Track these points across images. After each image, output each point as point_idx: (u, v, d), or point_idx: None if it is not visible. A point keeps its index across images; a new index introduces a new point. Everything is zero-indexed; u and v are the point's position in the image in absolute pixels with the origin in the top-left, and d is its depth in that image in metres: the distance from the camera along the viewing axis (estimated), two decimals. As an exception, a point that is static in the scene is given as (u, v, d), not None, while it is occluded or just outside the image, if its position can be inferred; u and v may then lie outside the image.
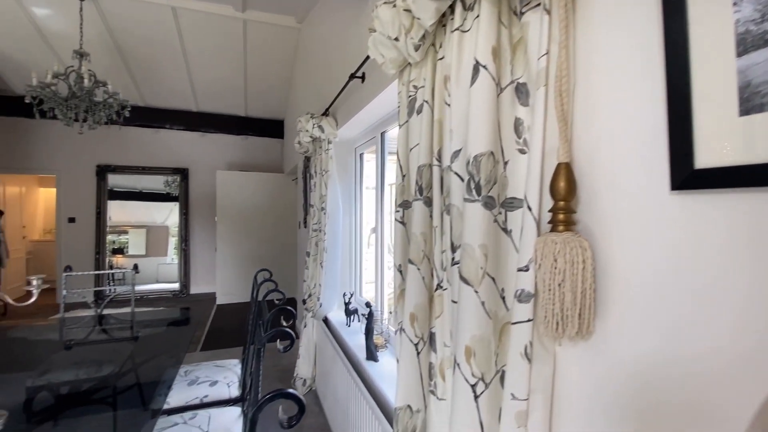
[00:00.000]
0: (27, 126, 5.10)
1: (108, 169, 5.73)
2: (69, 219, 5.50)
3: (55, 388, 1.68)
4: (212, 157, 6.13)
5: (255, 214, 5.79)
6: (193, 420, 1.46)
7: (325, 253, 2.42)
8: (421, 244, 0.91)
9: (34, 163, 5.28)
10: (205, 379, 1.84)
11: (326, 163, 2.45)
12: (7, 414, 1.22)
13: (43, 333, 3.02)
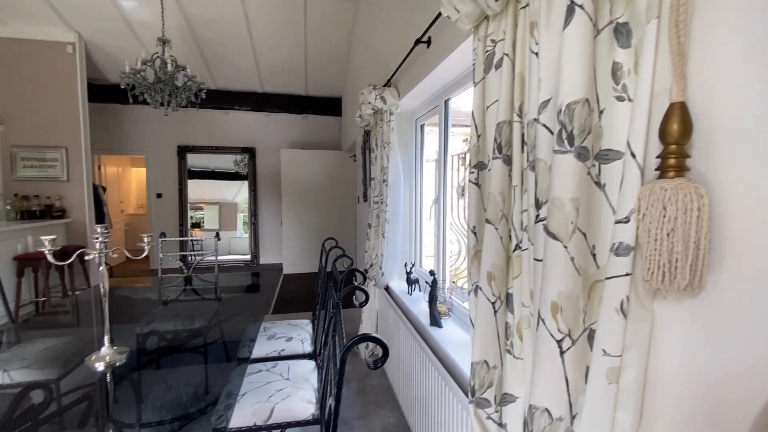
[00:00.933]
0: (120, 111, 5.73)
1: (187, 149, 6.27)
2: (157, 195, 6.17)
3: (159, 336, 1.94)
4: (276, 136, 6.44)
5: (316, 190, 6.03)
6: (275, 368, 1.62)
7: (387, 224, 2.47)
8: (499, 203, 0.89)
9: (127, 145, 5.95)
10: (282, 335, 2.01)
11: (387, 135, 2.46)
12: (128, 350, 1.45)
13: (141, 293, 3.49)
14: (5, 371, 1.59)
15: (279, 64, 5.22)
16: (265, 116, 6.38)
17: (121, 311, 2.73)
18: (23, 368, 1.61)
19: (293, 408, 1.35)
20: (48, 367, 1.64)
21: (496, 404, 0.87)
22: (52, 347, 1.81)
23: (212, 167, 8.49)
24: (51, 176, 4.37)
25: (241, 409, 1.33)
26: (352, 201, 6.08)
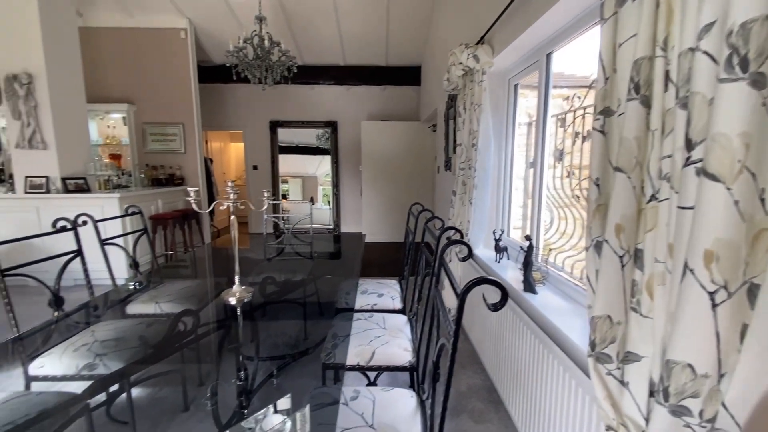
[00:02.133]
0: (222, 90, 6.34)
1: (277, 124, 6.74)
2: (253, 167, 6.79)
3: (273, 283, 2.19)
4: (356, 109, 6.58)
5: (395, 161, 6.10)
6: (371, 319, 1.74)
7: (475, 190, 2.42)
8: (633, 150, 0.81)
9: (227, 121, 6.59)
10: (373, 291, 2.13)
11: (478, 96, 2.36)
12: (253, 290, 1.67)
13: (244, 252, 3.96)
14: (156, 303, 1.95)
15: (361, 35, 5.25)
16: (346, 90, 6.54)
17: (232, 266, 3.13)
18: (169, 301, 1.96)
19: (392, 353, 1.45)
20: (187, 302, 1.98)
21: (618, 361, 0.83)
22: (188, 287, 2.17)
23: (297, 142, 9.05)
24: (172, 149, 5.07)
25: (346, 348, 1.46)
26: (430, 171, 6.04)
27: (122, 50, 4.86)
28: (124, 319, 1.74)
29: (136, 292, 2.08)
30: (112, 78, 4.88)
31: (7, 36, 3.47)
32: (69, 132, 3.78)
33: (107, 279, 2.06)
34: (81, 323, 1.65)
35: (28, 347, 1.44)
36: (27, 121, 3.53)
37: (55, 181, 3.65)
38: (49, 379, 1.37)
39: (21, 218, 3.65)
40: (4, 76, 3.48)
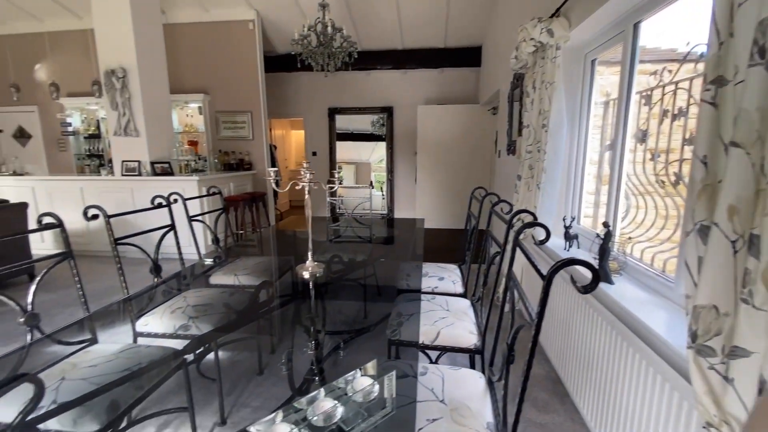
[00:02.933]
0: (284, 79, 6.61)
1: (335, 111, 6.90)
2: (312, 153, 7.05)
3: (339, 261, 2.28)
4: (412, 93, 6.51)
5: (451, 146, 5.98)
6: (434, 301, 1.75)
7: (544, 174, 2.30)
8: (755, 122, 0.72)
9: (289, 109, 6.87)
10: (434, 274, 2.14)
11: (551, 74, 2.22)
12: (324, 265, 1.76)
13: (306, 234, 4.16)
14: (235, 275, 2.13)
15: (421, 17, 5.15)
16: (403, 74, 6.48)
17: (295, 245, 3.32)
18: (246, 274, 2.14)
19: (458, 335, 1.46)
20: (262, 275, 2.14)
21: (723, 355, 0.76)
22: (261, 262, 2.35)
23: (352, 129, 9.21)
24: (241, 135, 5.42)
25: (411, 327, 1.50)
26: (488, 156, 5.84)
27: (198, 44, 5.24)
28: (209, 288, 1.94)
29: (216, 265, 2.29)
30: (189, 70, 5.30)
31: (107, 35, 3.90)
32: (156, 120, 4.19)
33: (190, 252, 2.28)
34: (174, 289, 1.86)
35: (136, 307, 1.66)
36: (123, 111, 3.97)
37: (146, 165, 4.09)
38: (152, 336, 1.58)
39: (118, 197, 4.15)
40: (104, 71, 3.93)
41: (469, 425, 0.96)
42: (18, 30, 5.29)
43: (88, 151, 5.62)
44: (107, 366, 1.20)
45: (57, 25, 5.22)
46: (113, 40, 3.89)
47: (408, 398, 0.99)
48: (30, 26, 5.25)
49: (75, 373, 1.16)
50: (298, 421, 0.67)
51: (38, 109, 5.58)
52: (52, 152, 5.71)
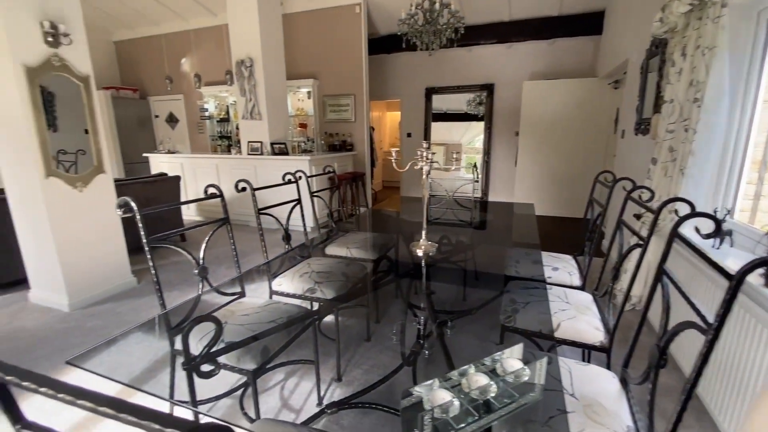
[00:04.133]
0: (384, 61, 6.70)
1: (432, 91, 6.80)
2: (407, 134, 7.11)
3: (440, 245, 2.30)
4: (517, 69, 6.06)
5: (560, 125, 5.46)
6: (551, 291, 1.66)
7: (691, 157, 1.96)
8: None
9: (387, 90, 6.97)
10: (547, 264, 2.02)
11: (712, 37, 1.84)
12: (437, 245, 1.79)
13: (405, 213, 4.25)
14: (348, 248, 2.30)
15: (534, -18, 4.70)
16: (507, 48, 6.05)
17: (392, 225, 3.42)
18: (357, 248, 2.29)
19: (581, 329, 1.36)
20: (372, 250, 2.28)
21: None
22: (369, 238, 2.49)
23: (445, 109, 8.99)
24: (344, 118, 5.71)
25: (527, 314, 1.45)
26: (604, 136, 5.19)
27: (309, 31, 5.60)
28: (326, 258, 2.13)
29: (331, 237, 2.49)
30: (301, 57, 5.71)
31: (238, 28, 4.41)
32: (275, 105, 4.65)
33: (308, 226, 2.50)
34: (299, 257, 2.09)
35: (273, 269, 1.91)
36: (249, 97, 4.49)
37: (266, 145, 4.59)
38: (284, 295, 1.81)
39: (243, 174, 4.76)
40: (235, 61, 4.47)
41: (606, 425, 0.91)
42: (171, 29, 6.29)
43: (219, 133, 6.53)
44: (256, 316, 1.42)
45: (198, 23, 6.07)
46: (243, 32, 4.38)
47: (536, 386, 0.97)
48: (179, 25, 6.21)
49: (234, 319, 1.39)
50: (453, 391, 0.71)
51: (184, 97, 6.63)
52: (193, 134, 6.78)
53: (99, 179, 2.72)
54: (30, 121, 2.31)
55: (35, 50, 2.33)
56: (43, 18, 2.34)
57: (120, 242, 2.91)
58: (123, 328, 2.36)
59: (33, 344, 2.18)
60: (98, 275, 2.74)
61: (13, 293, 2.86)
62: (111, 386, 1.08)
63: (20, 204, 2.53)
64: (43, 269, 2.61)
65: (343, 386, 1.75)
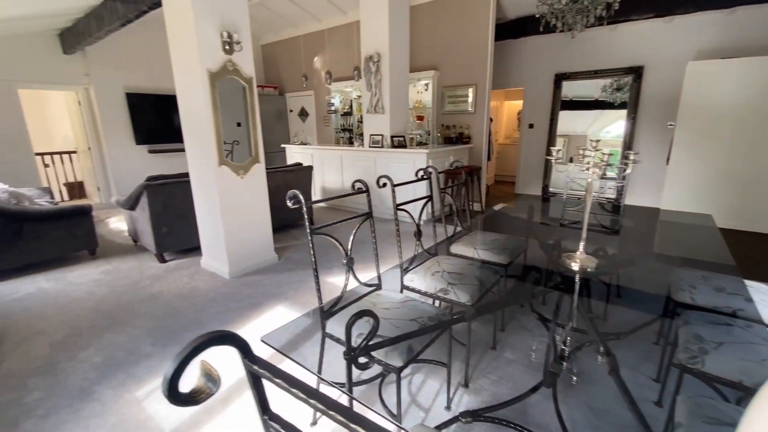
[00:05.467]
0: (507, 47, 6.26)
1: (563, 77, 6.12)
2: (529, 125, 6.57)
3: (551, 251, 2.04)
4: (678, 47, 5.02)
5: (734, 116, 4.37)
6: (750, 329, 1.32)
7: None
8: None
9: (510, 78, 6.52)
10: (734, 291, 1.62)
11: None
12: (597, 262, 1.59)
13: (513, 211, 3.93)
14: (475, 248, 2.21)
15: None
16: (666, 23, 5.05)
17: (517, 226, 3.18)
18: (484, 249, 2.18)
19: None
20: (501, 253, 2.14)
21: None
22: (497, 240, 2.34)
23: (571, 96, 8.01)
24: (462, 109, 5.53)
25: (721, 357, 1.17)
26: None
27: (433, 21, 5.53)
28: (455, 258, 2.08)
29: (456, 234, 2.44)
30: (423, 48, 5.70)
31: (369, 25, 4.59)
32: (397, 99, 4.75)
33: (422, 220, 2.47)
34: (427, 253, 2.08)
35: (404, 264, 1.94)
36: (374, 92, 4.66)
37: (386, 138, 4.73)
38: (415, 291, 1.82)
39: (363, 166, 5.01)
40: (364, 57, 4.67)
41: None
42: (308, 30, 6.92)
43: (342, 126, 6.99)
44: (397, 312, 1.44)
45: (331, 23, 6.53)
46: (373, 28, 4.54)
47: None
48: (314, 26, 6.78)
49: (376, 311, 1.44)
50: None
51: (314, 93, 7.27)
52: (320, 127, 7.41)
53: (255, 168, 3.15)
54: (210, 118, 2.78)
55: (215, 57, 2.77)
56: (223, 29, 2.77)
57: (267, 223, 3.33)
58: (269, 298, 2.73)
59: (205, 303, 2.66)
60: (250, 250, 3.20)
61: (191, 258, 3.54)
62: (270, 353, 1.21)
63: (199, 186, 3.09)
64: (212, 241, 3.15)
65: (470, 393, 1.70)
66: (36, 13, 4.23)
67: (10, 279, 3.10)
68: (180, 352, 0.39)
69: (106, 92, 5.88)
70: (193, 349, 0.39)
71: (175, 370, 0.38)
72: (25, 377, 1.88)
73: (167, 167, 6.52)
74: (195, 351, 0.39)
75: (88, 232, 3.49)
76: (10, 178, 4.94)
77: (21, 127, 5.29)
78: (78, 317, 2.48)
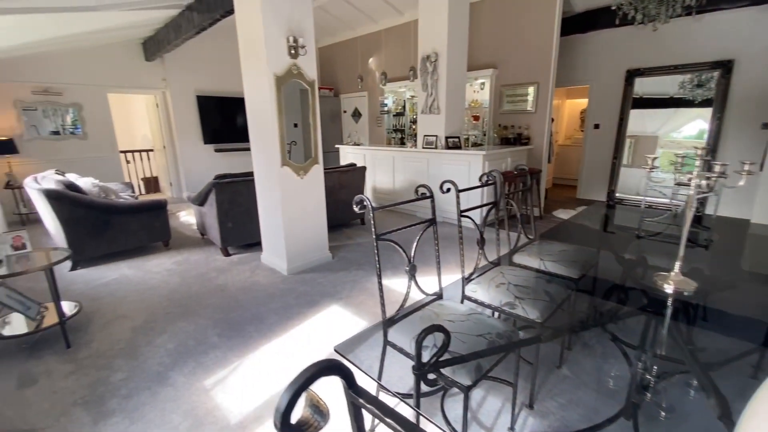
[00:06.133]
0: (573, 43, 5.87)
1: (636, 73, 5.63)
2: (594, 125, 6.12)
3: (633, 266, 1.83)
4: (781, 36, 4.40)
5: None
6: None
7: None
8: None
9: (575, 75, 6.11)
10: None
11: None
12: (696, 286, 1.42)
13: (576, 218, 3.64)
14: (541, 260, 2.08)
15: None
16: (762, 11, 4.44)
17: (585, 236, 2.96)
18: (552, 261, 2.04)
19: None
20: (571, 266, 1.99)
21: None
22: (566, 251, 2.18)
23: (641, 93, 7.33)
24: (521, 109, 5.28)
25: None
26: None
27: (494, 17, 5.33)
28: (519, 268, 1.97)
29: (519, 242, 2.31)
30: (482, 46, 5.51)
31: (428, 24, 4.52)
32: (453, 99, 4.64)
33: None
34: (490, 263, 1.99)
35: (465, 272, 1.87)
36: (430, 92, 4.59)
37: (441, 139, 4.64)
38: (478, 303, 1.75)
39: (416, 167, 4.95)
40: (421, 57, 4.62)
41: None
42: (364, 32, 7.00)
43: (394, 126, 6.99)
44: (462, 326, 1.38)
45: (387, 23, 6.55)
46: (431, 27, 4.47)
47: None
48: (370, 27, 6.84)
49: (440, 323, 1.39)
50: None
51: (368, 94, 7.34)
52: (372, 127, 7.47)
53: (314, 169, 3.23)
54: (275, 121, 2.89)
55: (281, 61, 2.87)
56: (289, 33, 2.86)
57: (323, 222, 3.41)
58: (325, 297, 2.78)
59: (266, 298, 2.77)
60: (306, 248, 3.29)
61: (252, 253, 3.72)
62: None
63: (263, 185, 3.23)
64: (272, 238, 3.29)
65: (536, 416, 1.59)
66: (125, 24, 4.68)
67: (98, 265, 3.46)
68: (292, 383, 0.38)
69: (179, 95, 6.38)
70: (305, 381, 0.38)
71: (288, 402, 0.36)
72: (111, 358, 2.08)
73: (229, 165, 6.93)
74: (307, 382, 0.38)
75: (163, 225, 3.79)
76: (100, 173, 5.54)
77: (109, 128, 5.90)
78: (154, 304, 2.70)
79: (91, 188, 3.71)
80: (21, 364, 2.02)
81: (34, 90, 5.18)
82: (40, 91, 5.22)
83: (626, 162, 7.57)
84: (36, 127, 5.25)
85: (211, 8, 3.77)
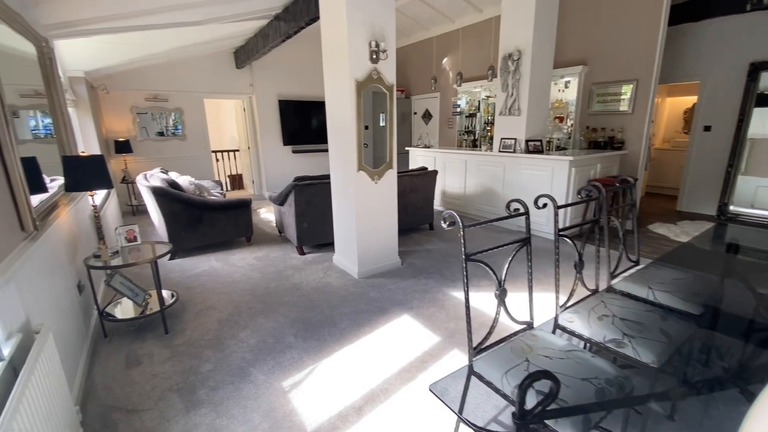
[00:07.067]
0: (682, 33, 5.11)
1: (763, 67, 4.73)
2: (705, 127, 5.28)
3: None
4: None
5: None
6: None
7: None
8: None
9: (682, 70, 5.32)
10: None
11: None
12: None
13: (680, 236, 3.11)
14: (649, 288, 1.79)
15: None
16: None
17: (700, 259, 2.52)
18: (662, 291, 1.75)
19: None
20: (687, 299, 1.69)
21: None
22: (681, 279, 1.87)
23: (760, 89, 6.13)
24: (614, 109, 4.74)
25: None
26: None
27: (585, 8, 4.85)
28: (623, 297, 1.72)
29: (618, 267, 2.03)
30: (571, 40, 5.05)
31: (511, 20, 4.25)
32: (536, 99, 4.31)
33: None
34: (587, 289, 1.77)
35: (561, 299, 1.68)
36: (511, 92, 4.32)
37: (521, 142, 4.35)
38: (575, 335, 1.56)
39: (490, 171, 4.70)
40: (502, 56, 4.36)
41: None
42: (440, 32, 6.86)
43: (466, 128, 6.75)
44: (563, 364, 1.22)
45: (464, 22, 6.33)
46: (515, 23, 4.20)
47: None
48: (447, 27, 6.68)
49: (535, 359, 1.25)
50: None
51: (440, 95, 7.19)
52: (443, 129, 7.30)
53: (388, 173, 3.20)
54: (354, 126, 2.91)
55: (363, 66, 2.87)
56: (371, 38, 2.85)
57: (394, 228, 3.37)
58: (395, 305, 2.74)
59: (338, 301, 2.81)
60: (377, 253, 3.28)
61: (324, 253, 3.82)
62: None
63: (339, 188, 3.28)
64: (345, 241, 3.33)
65: (644, 474, 1.36)
66: (223, 35, 5.11)
67: (192, 256, 3.81)
68: None
69: (263, 99, 6.83)
70: None
71: None
72: (201, 348, 2.24)
73: (306, 166, 7.27)
74: None
75: (247, 222, 4.07)
76: (194, 170, 6.16)
77: (204, 130, 6.53)
78: (238, 298, 2.88)
79: (188, 186, 4.11)
80: (128, 345, 2.27)
81: (146, 97, 5.91)
82: (151, 98, 5.94)
83: (743, 170, 6.42)
84: (146, 129, 5.98)
85: (297, 17, 3.93)
